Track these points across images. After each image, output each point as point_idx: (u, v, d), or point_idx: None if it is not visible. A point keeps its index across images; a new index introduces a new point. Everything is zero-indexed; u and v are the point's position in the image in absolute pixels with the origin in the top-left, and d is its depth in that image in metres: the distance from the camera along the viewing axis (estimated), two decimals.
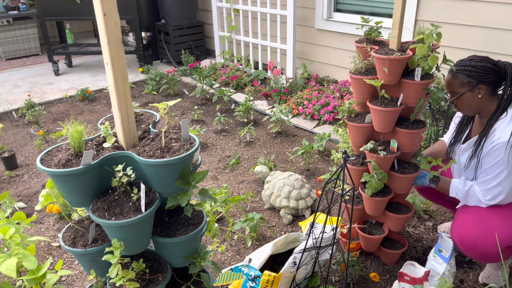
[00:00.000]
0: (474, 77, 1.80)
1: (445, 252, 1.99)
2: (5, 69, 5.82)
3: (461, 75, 1.82)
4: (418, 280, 1.88)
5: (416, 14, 3.64)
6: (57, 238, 2.56)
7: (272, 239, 2.48)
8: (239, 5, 4.95)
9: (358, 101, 2.04)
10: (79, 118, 4.22)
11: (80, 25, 7.35)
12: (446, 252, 1.99)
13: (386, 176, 1.97)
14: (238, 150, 3.51)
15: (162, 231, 1.60)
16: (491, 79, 1.80)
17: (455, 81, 1.85)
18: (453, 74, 1.86)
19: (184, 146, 1.51)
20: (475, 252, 1.86)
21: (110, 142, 1.54)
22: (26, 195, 3.00)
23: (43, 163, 1.46)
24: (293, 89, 4.45)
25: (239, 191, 2.97)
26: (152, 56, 5.84)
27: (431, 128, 2.98)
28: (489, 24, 3.26)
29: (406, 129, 1.93)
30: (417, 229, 2.51)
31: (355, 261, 2.15)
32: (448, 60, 1.88)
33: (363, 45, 1.96)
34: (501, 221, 1.82)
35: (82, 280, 2.24)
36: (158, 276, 1.62)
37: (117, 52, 1.39)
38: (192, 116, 4.12)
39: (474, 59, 1.83)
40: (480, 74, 1.79)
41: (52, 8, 5.13)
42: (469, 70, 1.81)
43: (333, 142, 3.52)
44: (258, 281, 1.82)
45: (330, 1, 4.39)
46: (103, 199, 1.51)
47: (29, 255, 1.60)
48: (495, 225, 1.81)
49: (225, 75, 4.99)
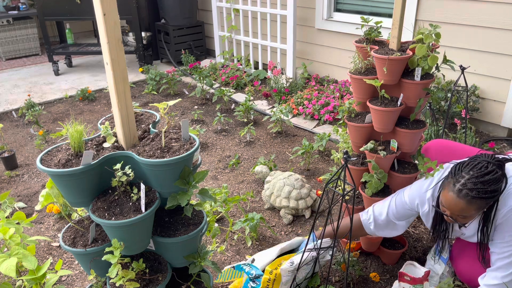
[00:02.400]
0: (493, 198, 1.55)
1: (444, 253, 1.99)
2: (5, 69, 5.82)
3: (480, 200, 1.53)
4: (418, 280, 1.88)
5: (416, 14, 3.64)
6: (57, 238, 2.56)
7: (272, 239, 2.48)
8: (239, 5, 4.95)
9: (358, 101, 2.04)
10: (79, 118, 4.22)
11: (80, 25, 7.35)
12: (445, 253, 1.99)
13: (386, 176, 1.97)
14: (238, 150, 3.51)
15: (162, 231, 1.60)
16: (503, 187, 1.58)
17: (472, 207, 1.55)
18: (468, 200, 1.54)
19: (184, 146, 1.51)
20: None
21: (110, 142, 1.54)
22: (26, 195, 3.00)
23: (43, 163, 1.46)
24: (293, 89, 4.45)
25: (239, 191, 2.97)
26: (152, 56, 5.83)
27: (431, 128, 2.98)
28: (489, 24, 3.26)
29: (406, 129, 1.93)
30: (417, 229, 2.51)
31: (355, 261, 2.15)
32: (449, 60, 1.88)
33: (363, 45, 1.96)
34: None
35: (82, 280, 2.24)
36: (158, 276, 1.62)
37: (117, 52, 1.39)
38: (192, 116, 4.12)
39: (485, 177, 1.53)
40: (498, 191, 1.55)
41: (52, 8, 5.13)
42: (489, 193, 1.53)
43: (333, 142, 3.52)
44: (259, 281, 1.82)
45: (330, 1, 4.39)
46: (103, 199, 1.51)
47: (29, 255, 1.60)
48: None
49: (225, 75, 4.99)
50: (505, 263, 1.63)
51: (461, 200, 1.54)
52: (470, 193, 1.52)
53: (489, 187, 1.52)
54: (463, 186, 1.53)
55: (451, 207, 1.58)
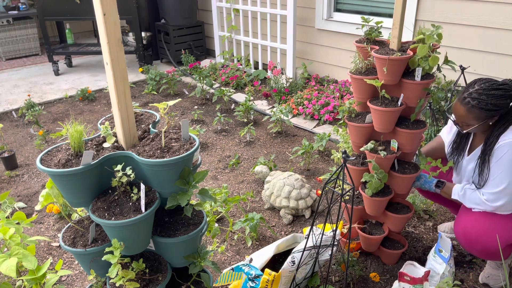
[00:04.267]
0: (493, 111, 1.68)
1: (445, 252, 1.99)
2: (5, 69, 5.82)
3: (478, 110, 1.67)
4: (418, 280, 1.88)
5: (416, 14, 3.64)
6: (57, 238, 2.56)
7: (272, 239, 2.48)
8: (239, 5, 4.95)
9: (358, 101, 2.04)
10: (79, 118, 4.22)
11: (80, 25, 7.35)
12: (445, 252, 1.99)
13: (386, 176, 1.97)
14: (238, 150, 3.51)
15: (162, 231, 1.59)
16: (506, 107, 1.70)
17: (470, 115, 1.71)
18: (468, 108, 1.70)
19: (184, 146, 1.51)
20: (476, 246, 1.87)
21: (110, 142, 1.54)
22: (26, 195, 3.00)
23: (43, 163, 1.46)
24: (293, 89, 4.45)
25: (239, 191, 2.97)
26: (152, 56, 5.83)
27: (431, 128, 2.97)
28: (489, 24, 3.26)
29: (406, 129, 1.92)
30: (417, 229, 2.51)
31: (355, 261, 2.15)
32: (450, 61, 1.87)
33: (363, 45, 1.96)
34: (504, 220, 1.83)
35: (82, 280, 2.24)
36: (158, 276, 1.61)
37: (117, 52, 1.39)
38: (192, 116, 4.12)
39: (491, 91, 1.66)
40: (499, 107, 1.67)
41: (52, 8, 5.13)
42: (489, 105, 1.66)
43: (333, 142, 3.52)
44: (258, 281, 1.82)
45: (330, 1, 4.39)
46: (103, 199, 1.51)
47: (29, 255, 1.60)
48: (498, 223, 1.82)
49: (225, 75, 4.99)
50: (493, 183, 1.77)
51: (462, 107, 1.72)
52: (472, 101, 1.68)
53: (491, 100, 1.64)
54: (469, 95, 1.69)
55: (455, 113, 1.78)
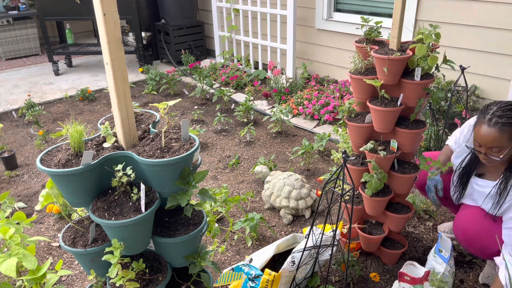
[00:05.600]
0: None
1: (445, 252, 1.99)
2: (5, 69, 5.82)
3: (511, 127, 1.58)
4: (418, 280, 1.88)
5: (416, 14, 3.64)
6: (57, 238, 2.56)
7: (272, 239, 2.48)
8: (239, 5, 4.95)
9: (358, 101, 2.04)
10: (79, 118, 4.22)
11: (80, 25, 7.35)
12: (445, 252, 1.99)
13: (386, 176, 1.97)
14: (238, 150, 3.51)
15: (162, 231, 1.60)
16: None
17: (505, 135, 1.59)
18: (500, 128, 1.59)
19: (184, 146, 1.51)
20: (476, 244, 1.86)
21: (110, 142, 1.54)
22: (26, 195, 3.00)
23: (43, 163, 1.46)
24: (293, 89, 4.45)
25: (239, 191, 2.97)
26: (152, 56, 5.84)
27: (431, 128, 2.98)
28: (489, 24, 3.26)
29: (406, 129, 1.93)
30: (417, 229, 2.51)
31: (355, 261, 2.15)
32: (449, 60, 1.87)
33: (363, 45, 1.96)
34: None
35: (82, 280, 2.24)
36: (158, 276, 1.62)
37: (117, 52, 1.39)
38: (192, 116, 4.12)
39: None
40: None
41: (52, 8, 5.13)
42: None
43: (333, 142, 3.52)
44: (258, 281, 1.82)
45: (330, 1, 4.39)
46: (103, 199, 1.51)
47: (29, 255, 1.60)
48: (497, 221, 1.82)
49: (225, 75, 4.99)
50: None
51: (493, 129, 1.59)
52: (500, 120, 1.58)
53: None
54: (493, 115, 1.60)
55: (484, 139, 1.63)
